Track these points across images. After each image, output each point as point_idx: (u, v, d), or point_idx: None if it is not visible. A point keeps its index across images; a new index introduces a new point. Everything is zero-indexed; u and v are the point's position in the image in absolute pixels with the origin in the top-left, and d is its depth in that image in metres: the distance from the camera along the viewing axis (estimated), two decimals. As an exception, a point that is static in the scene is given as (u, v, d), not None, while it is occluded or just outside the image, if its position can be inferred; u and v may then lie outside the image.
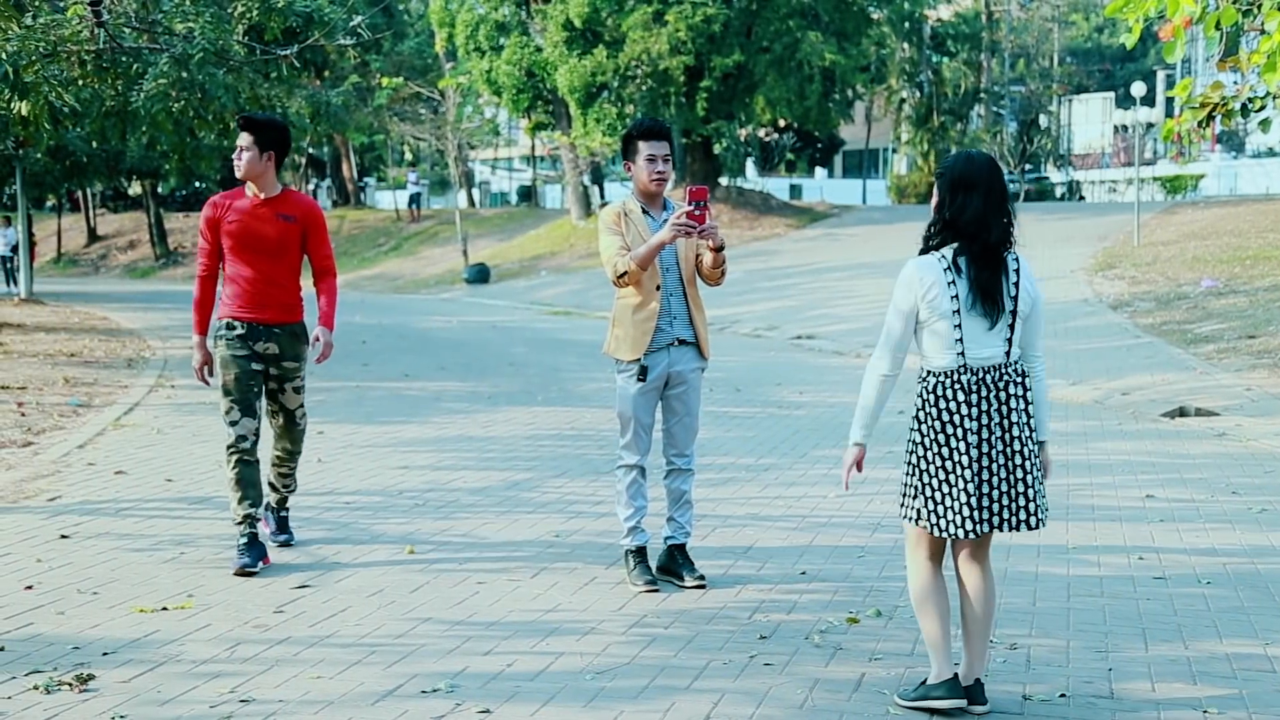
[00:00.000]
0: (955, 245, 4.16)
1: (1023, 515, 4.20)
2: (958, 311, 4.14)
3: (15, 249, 28.97)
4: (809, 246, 29.78)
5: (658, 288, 5.65)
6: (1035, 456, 4.22)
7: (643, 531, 5.79)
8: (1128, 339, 14.83)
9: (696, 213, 5.42)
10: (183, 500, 7.43)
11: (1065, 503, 7.41)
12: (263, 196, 6.06)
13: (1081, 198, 45.77)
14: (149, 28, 9.38)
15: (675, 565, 5.78)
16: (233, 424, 6.01)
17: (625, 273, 5.56)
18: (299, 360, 6.19)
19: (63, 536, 6.49)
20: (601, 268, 5.75)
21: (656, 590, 5.62)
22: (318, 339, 6.10)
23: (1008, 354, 4.21)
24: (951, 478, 4.15)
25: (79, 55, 8.97)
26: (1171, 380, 11.95)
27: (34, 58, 8.17)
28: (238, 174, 6.00)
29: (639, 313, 5.66)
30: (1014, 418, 4.17)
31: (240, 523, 6.01)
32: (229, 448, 6.03)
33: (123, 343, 17.30)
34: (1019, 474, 4.17)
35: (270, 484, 6.43)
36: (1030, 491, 4.19)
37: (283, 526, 6.49)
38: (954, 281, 4.14)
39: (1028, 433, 4.20)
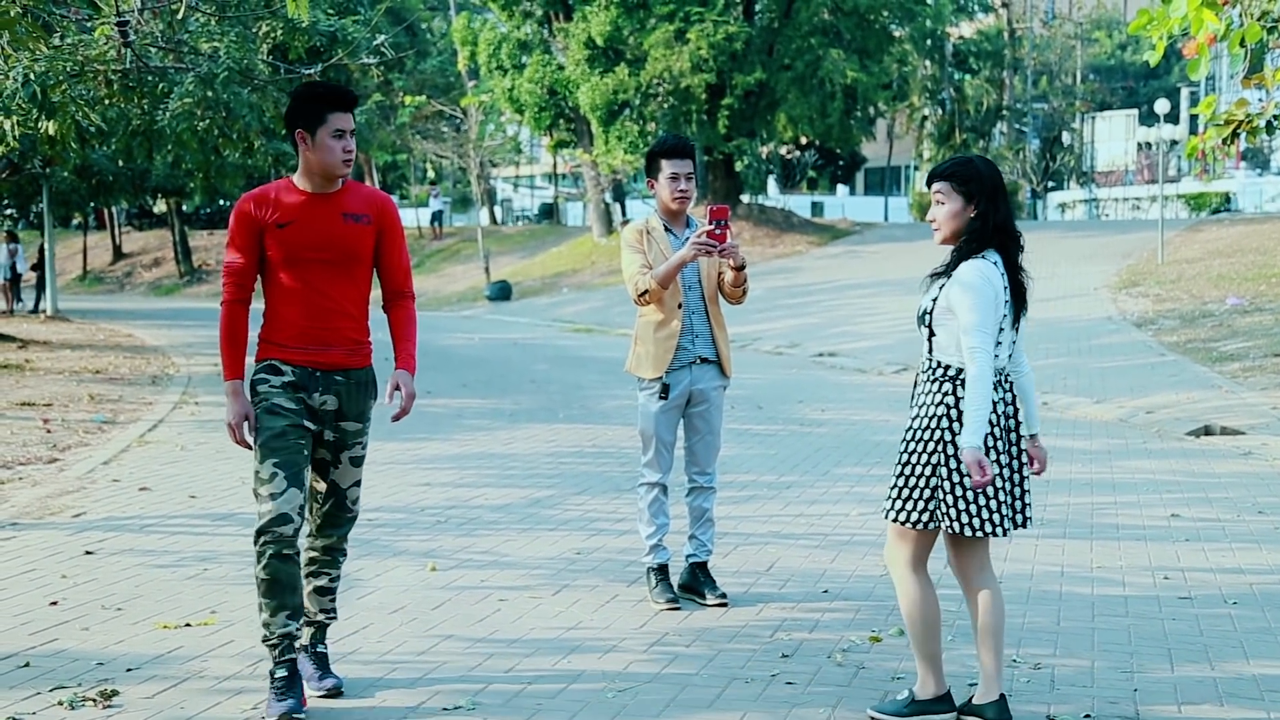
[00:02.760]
0: (996, 250, 4.16)
1: (1028, 513, 4.29)
2: (1005, 315, 4.17)
3: (21, 266, 29.65)
4: (831, 264, 29.75)
5: (680, 306, 5.65)
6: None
7: (664, 549, 5.79)
8: (1152, 357, 14.76)
9: (717, 232, 5.42)
10: (206, 516, 7.46)
11: (1089, 522, 7.37)
12: (324, 190, 4.44)
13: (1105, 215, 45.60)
14: (175, 47, 9.45)
15: (697, 583, 5.77)
16: (272, 496, 4.28)
17: (646, 291, 5.57)
18: (363, 420, 4.53)
19: (87, 552, 6.52)
20: (623, 285, 5.77)
21: (678, 608, 5.61)
22: (397, 387, 4.49)
23: (1010, 356, 4.27)
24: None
25: (106, 75, 9.04)
26: (1196, 399, 11.88)
27: (61, 77, 8.25)
28: (343, 169, 4.40)
29: (661, 331, 5.66)
30: (1019, 417, 4.26)
31: (276, 644, 4.33)
32: (261, 533, 4.29)
33: (147, 360, 17.40)
34: (1023, 471, 4.27)
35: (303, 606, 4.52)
36: (1029, 489, 4.31)
37: (323, 665, 4.59)
38: (1006, 286, 4.17)
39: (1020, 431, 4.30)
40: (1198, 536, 7.05)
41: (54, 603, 5.61)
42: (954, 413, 4.15)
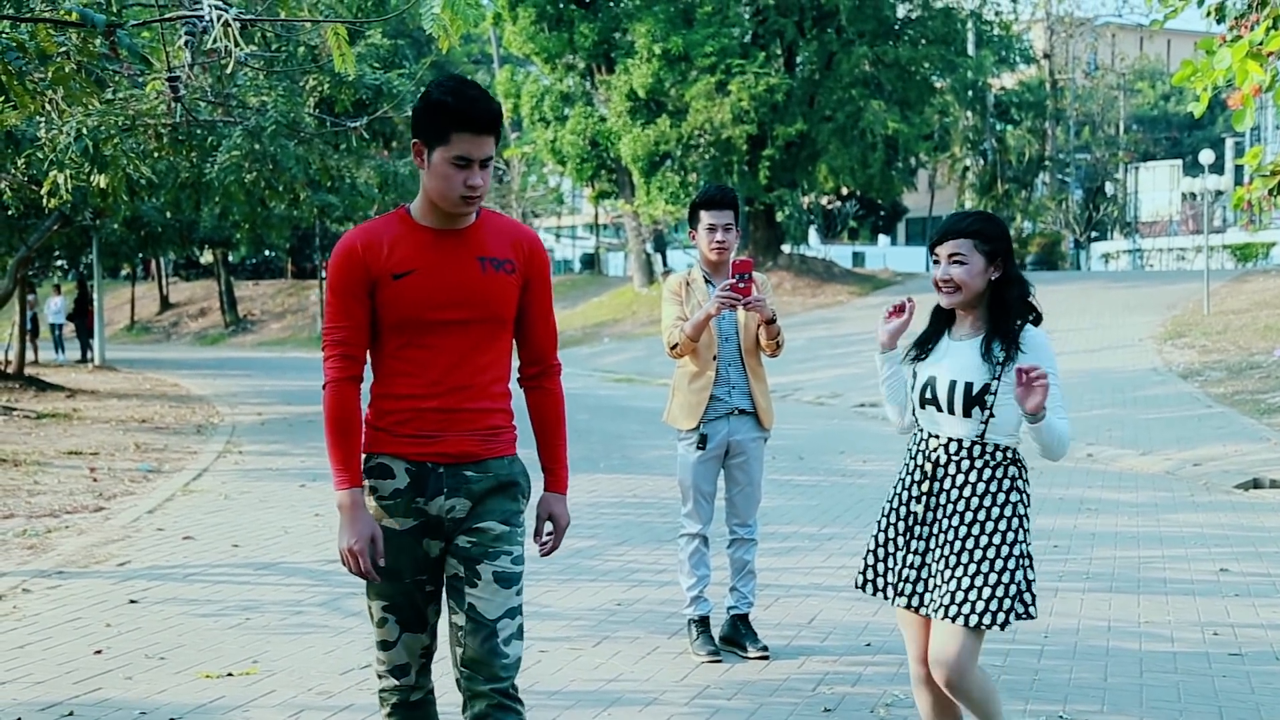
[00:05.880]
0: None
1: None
2: None
3: (58, 317, 30.50)
4: (872, 314, 29.67)
5: (714, 357, 5.66)
6: None
7: (705, 601, 5.76)
8: (1199, 409, 14.59)
9: (740, 285, 5.45)
10: (249, 565, 7.50)
11: (1137, 576, 7.27)
12: (452, 226, 3.28)
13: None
14: (224, 101, 9.61)
15: (738, 635, 5.74)
16: (385, 645, 3.38)
17: (677, 344, 5.61)
18: (511, 523, 3.34)
19: (131, 601, 6.56)
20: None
21: (719, 661, 5.58)
22: (550, 518, 3.50)
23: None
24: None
25: (156, 129, 9.21)
26: (1245, 451, 11.72)
27: (113, 131, 8.40)
28: (461, 208, 3.23)
29: (695, 382, 5.68)
30: None
31: None
32: (382, 696, 3.47)
33: (192, 409, 17.56)
34: None
35: None
36: None
37: None
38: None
39: None
40: (1248, 591, 6.94)
41: (98, 651, 5.64)
42: (1024, 498, 3.76)
